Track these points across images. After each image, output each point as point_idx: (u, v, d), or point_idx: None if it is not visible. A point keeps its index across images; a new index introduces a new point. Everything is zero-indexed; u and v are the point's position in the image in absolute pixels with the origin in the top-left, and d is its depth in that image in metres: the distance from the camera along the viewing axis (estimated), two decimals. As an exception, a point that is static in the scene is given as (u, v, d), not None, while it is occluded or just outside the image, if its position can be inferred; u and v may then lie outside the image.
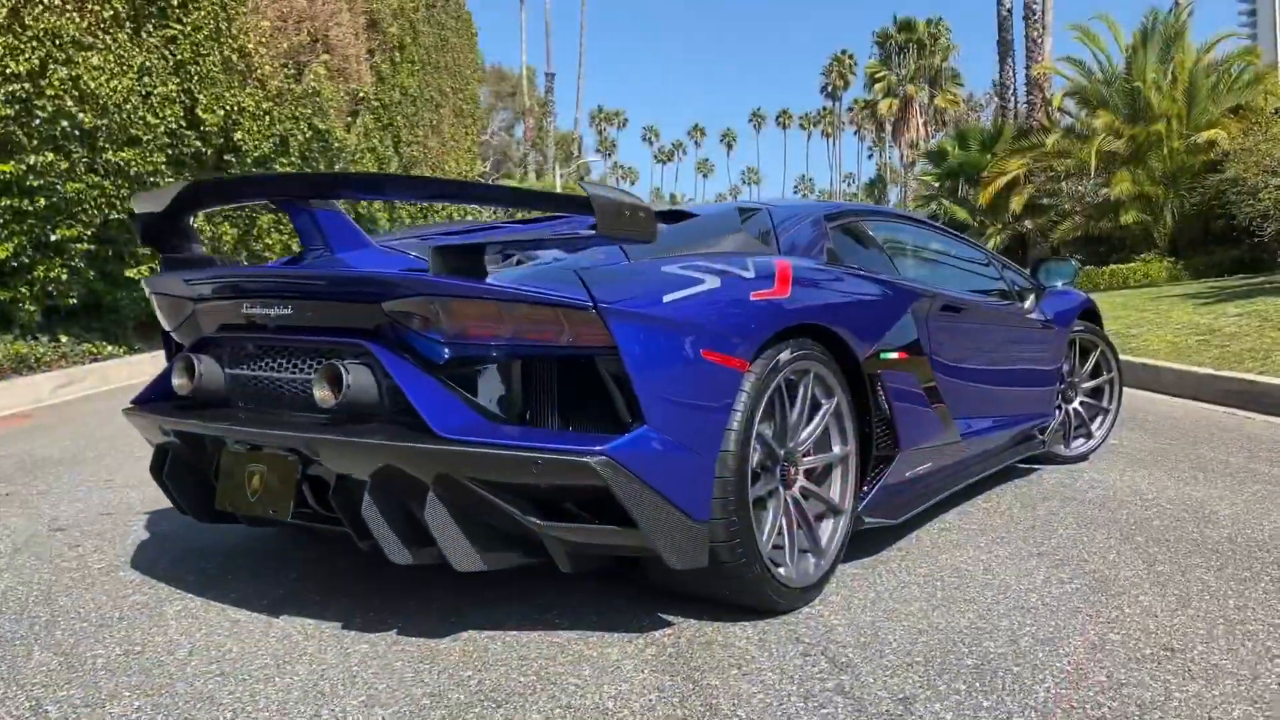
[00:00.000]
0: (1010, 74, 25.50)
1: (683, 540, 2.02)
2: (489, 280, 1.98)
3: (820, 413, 2.43)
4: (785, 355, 2.27)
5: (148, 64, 8.81)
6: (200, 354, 2.34)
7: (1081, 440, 4.19)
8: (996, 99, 27.33)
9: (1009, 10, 25.01)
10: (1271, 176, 12.88)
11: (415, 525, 2.02)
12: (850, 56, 74.33)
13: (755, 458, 2.25)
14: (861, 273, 2.80)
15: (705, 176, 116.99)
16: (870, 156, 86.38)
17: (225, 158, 10.28)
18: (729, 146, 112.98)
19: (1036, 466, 4.03)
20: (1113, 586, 2.49)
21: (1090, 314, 4.31)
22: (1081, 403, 4.20)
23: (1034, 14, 23.53)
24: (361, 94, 13.88)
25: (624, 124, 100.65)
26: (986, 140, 23.33)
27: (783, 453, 2.32)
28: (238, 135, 10.16)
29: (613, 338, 1.93)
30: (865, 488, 2.64)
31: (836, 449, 2.50)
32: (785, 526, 2.32)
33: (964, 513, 3.28)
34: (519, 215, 3.59)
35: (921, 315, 2.91)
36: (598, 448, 1.89)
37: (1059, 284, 4.01)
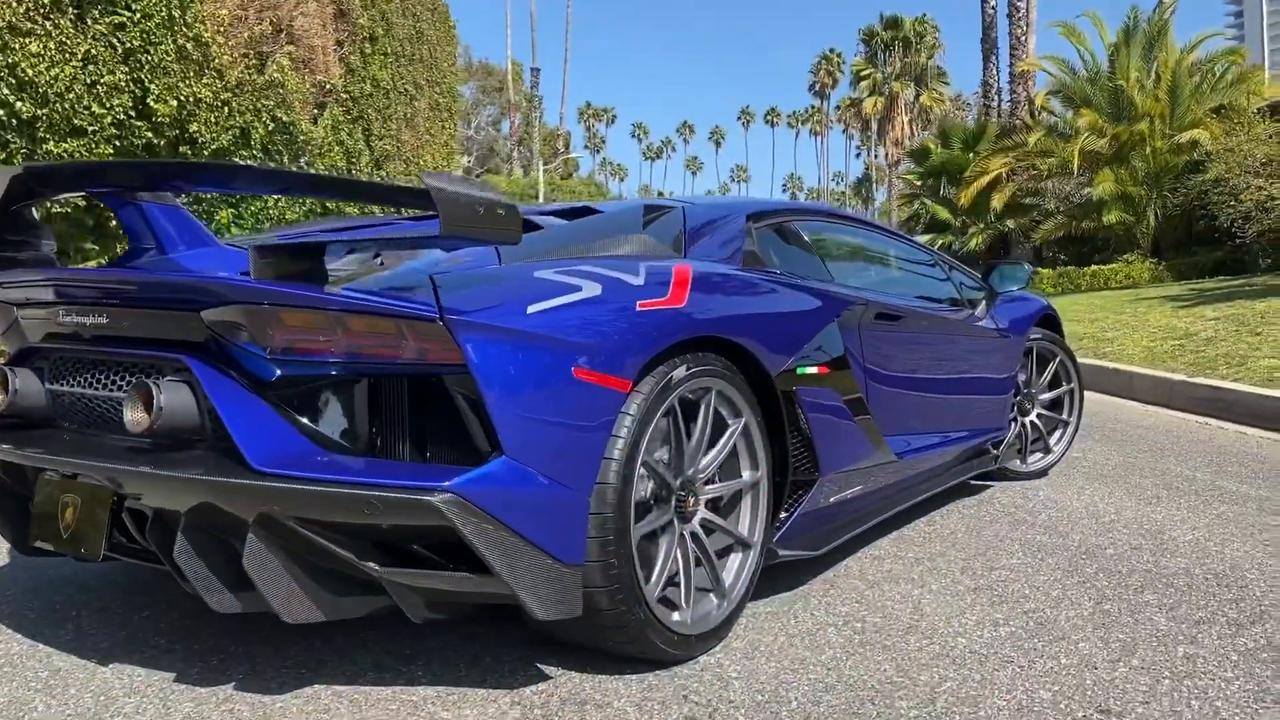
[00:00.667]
0: (994, 73, 25.32)
1: (550, 588, 1.75)
2: (328, 287, 1.72)
3: (725, 435, 2.17)
4: (680, 372, 2.00)
5: (93, 52, 8.48)
6: (18, 367, 2.06)
7: (1039, 455, 3.94)
8: (981, 98, 27.13)
9: (994, 8, 24.82)
10: (1254, 177, 12.73)
11: (240, 568, 1.75)
12: (838, 55, 74.05)
13: (647, 488, 2.00)
14: (780, 278, 2.52)
15: (694, 174, 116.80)
16: (858, 155, 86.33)
17: (181, 150, 9.95)
18: (718, 144, 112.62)
19: (990, 484, 3.79)
20: (1052, 630, 2.24)
21: (1049, 321, 4.06)
22: (1039, 415, 3.95)
23: (1018, 11, 23.36)
24: (330, 86, 13.53)
25: (613, 120, 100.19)
26: (969, 139, 23.13)
27: (679, 482, 2.06)
28: (194, 127, 9.84)
29: (463, 354, 1.67)
30: (784, 514, 2.38)
31: (746, 475, 2.24)
32: (681, 565, 2.06)
33: (902, 538, 3.03)
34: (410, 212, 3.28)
35: (851, 325, 2.65)
36: (444, 483, 1.63)
37: (1013, 289, 3.76)
